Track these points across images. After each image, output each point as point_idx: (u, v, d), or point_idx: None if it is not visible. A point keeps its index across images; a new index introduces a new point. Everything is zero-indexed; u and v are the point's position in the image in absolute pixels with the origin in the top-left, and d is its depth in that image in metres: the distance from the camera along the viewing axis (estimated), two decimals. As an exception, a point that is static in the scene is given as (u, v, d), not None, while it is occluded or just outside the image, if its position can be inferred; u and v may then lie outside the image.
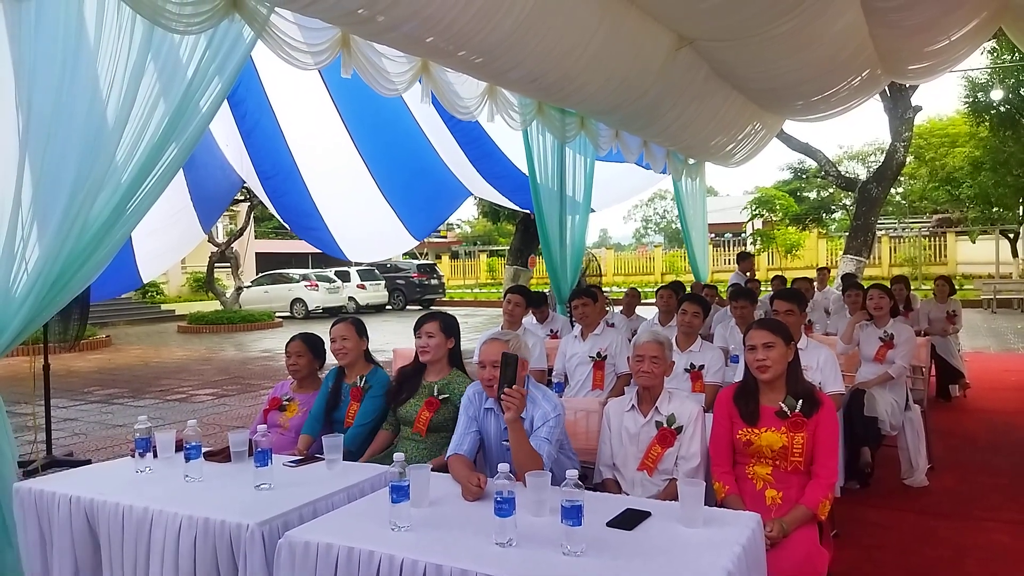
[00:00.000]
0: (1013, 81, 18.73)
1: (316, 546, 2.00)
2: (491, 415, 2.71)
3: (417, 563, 1.87)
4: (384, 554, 1.92)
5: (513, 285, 5.76)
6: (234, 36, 3.39)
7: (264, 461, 2.50)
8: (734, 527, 2.05)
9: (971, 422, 6.30)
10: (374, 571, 1.91)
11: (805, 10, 5.55)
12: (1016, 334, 13.04)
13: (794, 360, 2.66)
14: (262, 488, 2.48)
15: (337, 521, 2.19)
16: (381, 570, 1.90)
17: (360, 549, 1.95)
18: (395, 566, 1.89)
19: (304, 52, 3.97)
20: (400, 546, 1.95)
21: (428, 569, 1.86)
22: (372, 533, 2.03)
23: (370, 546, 1.95)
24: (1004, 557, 3.52)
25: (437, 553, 1.90)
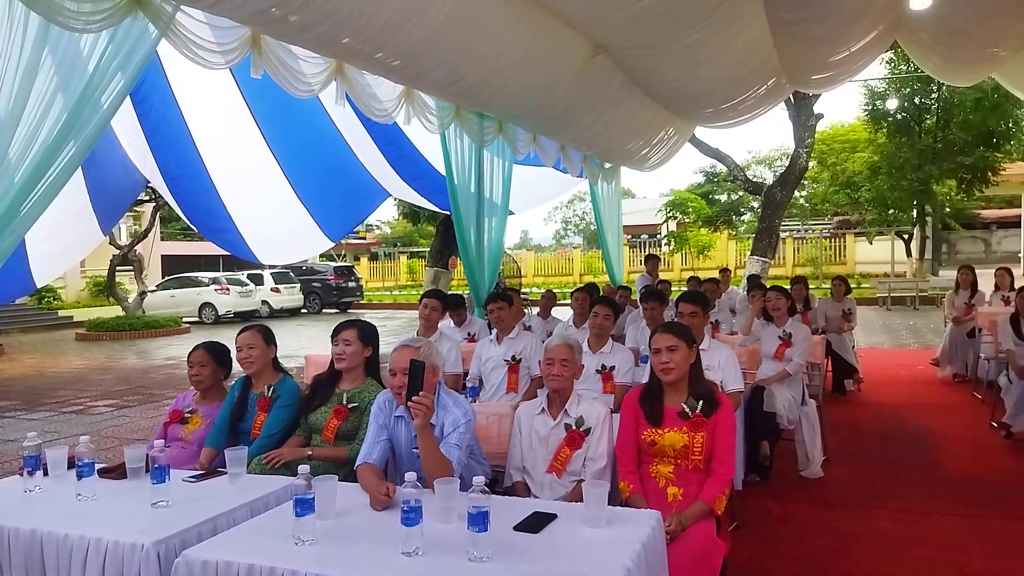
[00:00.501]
0: (908, 90, 20.00)
1: (215, 564, 1.95)
2: (401, 423, 2.71)
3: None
4: (286, 570, 1.89)
5: (429, 289, 5.75)
6: (137, 33, 3.26)
7: (161, 477, 2.41)
8: (635, 525, 2.12)
9: (864, 415, 6.68)
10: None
11: (714, 21, 5.77)
12: (908, 330, 13.90)
13: (696, 362, 2.77)
14: (159, 506, 2.39)
15: (238, 537, 2.14)
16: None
17: (261, 566, 1.91)
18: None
19: (211, 51, 3.84)
20: (303, 561, 1.93)
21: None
22: (274, 548, 2.00)
23: (272, 562, 1.92)
24: (889, 544, 3.76)
25: (341, 566, 1.89)
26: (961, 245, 37.75)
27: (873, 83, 20.86)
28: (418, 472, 2.41)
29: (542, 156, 8.12)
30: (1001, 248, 36.55)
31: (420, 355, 2.63)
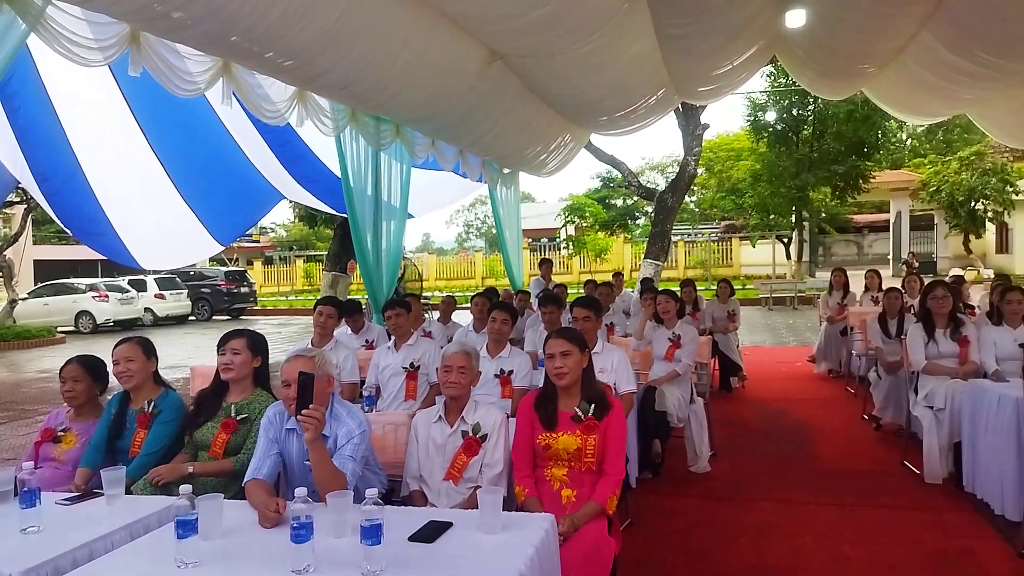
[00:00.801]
0: (786, 102, 21.27)
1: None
2: (293, 435, 2.64)
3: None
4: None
5: (323, 296, 5.61)
6: (3, 27, 3.04)
7: (31, 501, 2.25)
8: (529, 529, 2.16)
9: (748, 411, 7.05)
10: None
11: (604, 34, 5.94)
12: (788, 328, 14.76)
13: (588, 367, 2.85)
14: (29, 531, 2.23)
15: (116, 562, 2.02)
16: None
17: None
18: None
19: (86, 48, 3.62)
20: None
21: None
22: (155, 573, 1.91)
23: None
24: (770, 534, 3.99)
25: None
26: (836, 248, 40.46)
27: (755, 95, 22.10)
28: (311, 486, 2.37)
29: (440, 160, 8.10)
30: (872, 250, 39.45)
31: (313, 365, 2.58)
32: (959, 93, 7.53)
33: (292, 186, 9.91)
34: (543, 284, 9.54)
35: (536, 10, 4.99)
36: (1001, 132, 8.98)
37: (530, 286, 9.70)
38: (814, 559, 3.65)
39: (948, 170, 25.41)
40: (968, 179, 24.63)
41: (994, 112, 8.34)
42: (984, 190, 24.72)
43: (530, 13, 5.02)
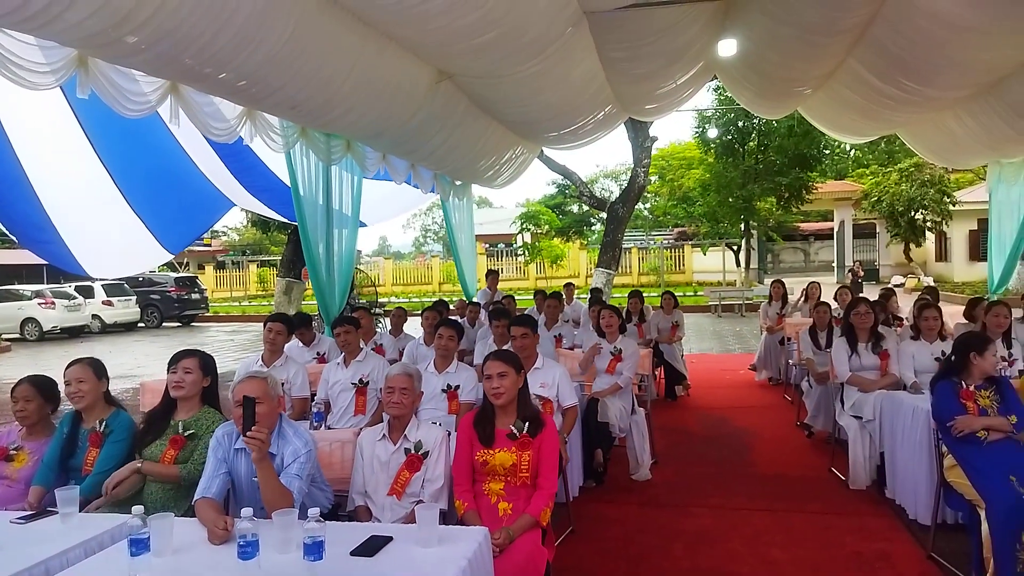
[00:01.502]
0: (732, 115, 21.88)
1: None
2: (241, 454, 2.75)
3: (156, 615, 1.90)
4: (120, 610, 1.92)
5: (273, 313, 5.65)
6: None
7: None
8: (464, 542, 2.31)
9: (691, 418, 7.32)
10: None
11: (548, 56, 6.15)
12: (735, 336, 15.20)
13: (524, 386, 3.02)
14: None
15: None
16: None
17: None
18: (132, 621, 1.90)
19: (34, 72, 3.67)
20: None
21: (168, 620, 1.89)
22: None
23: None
24: (704, 539, 4.21)
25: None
26: (784, 255, 41.56)
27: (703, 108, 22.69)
28: (260, 504, 2.49)
29: (392, 174, 8.20)
30: (819, 258, 40.62)
31: (266, 387, 2.71)
32: (886, 115, 7.96)
33: (243, 195, 9.89)
34: (489, 295, 9.70)
35: (482, 35, 5.16)
36: (928, 152, 9.48)
37: (477, 297, 9.84)
38: (744, 563, 3.88)
39: (889, 181, 26.36)
40: (908, 190, 25.59)
41: (921, 133, 8.80)
42: (923, 201, 25.69)
43: (476, 38, 5.18)
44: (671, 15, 6.38)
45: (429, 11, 4.54)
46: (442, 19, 4.74)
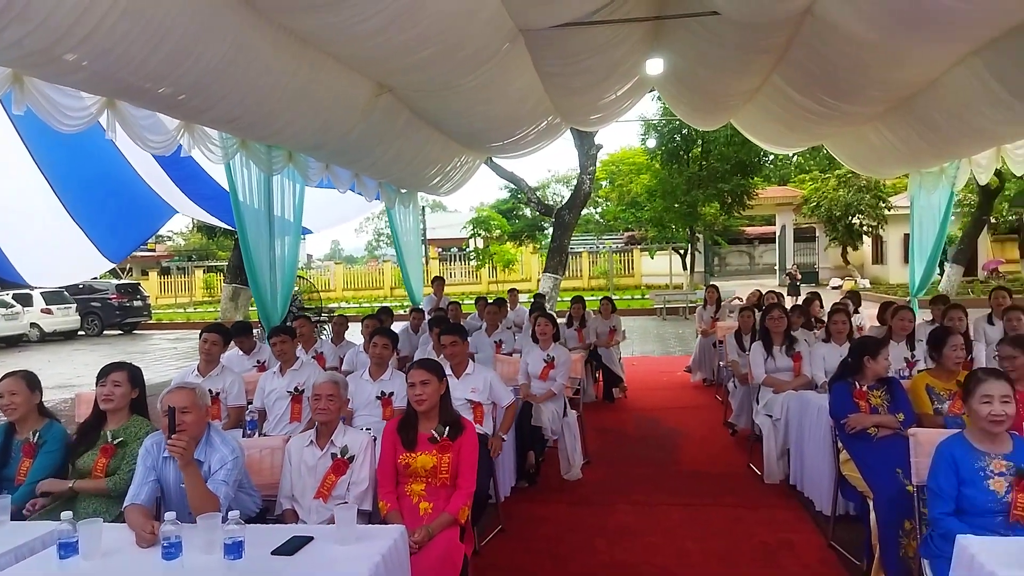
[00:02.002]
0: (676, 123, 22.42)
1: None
2: (170, 462, 2.87)
3: (83, 614, 2.03)
4: (48, 610, 2.04)
5: (210, 323, 5.69)
6: None
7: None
8: (380, 540, 2.49)
9: (626, 419, 7.60)
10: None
11: (486, 71, 6.35)
12: (676, 338, 15.62)
13: (445, 393, 3.21)
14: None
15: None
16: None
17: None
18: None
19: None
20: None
21: (94, 617, 2.03)
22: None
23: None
24: (625, 534, 4.45)
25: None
26: (730, 259, 42.63)
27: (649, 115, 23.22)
28: (188, 508, 2.63)
29: (335, 182, 8.27)
30: (763, 261, 41.79)
31: (194, 396, 2.85)
32: (810, 128, 8.38)
33: (186, 203, 9.85)
34: (435, 301, 9.85)
35: (418, 52, 5.33)
36: (852, 162, 9.98)
37: (423, 303, 9.98)
38: (659, 555, 4.13)
39: (827, 187, 27.34)
40: (845, 195, 26.59)
41: (844, 145, 9.28)
42: (859, 206, 26.73)
43: (413, 55, 5.36)
44: (604, 33, 6.64)
45: (365, 30, 4.69)
46: (378, 37, 4.90)
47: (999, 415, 2.69)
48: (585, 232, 38.92)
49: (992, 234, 28.07)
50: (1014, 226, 26.32)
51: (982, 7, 4.46)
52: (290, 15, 4.55)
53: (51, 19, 3.33)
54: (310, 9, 4.43)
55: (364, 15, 4.50)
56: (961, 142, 7.15)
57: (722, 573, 3.89)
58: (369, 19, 4.56)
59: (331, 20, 4.57)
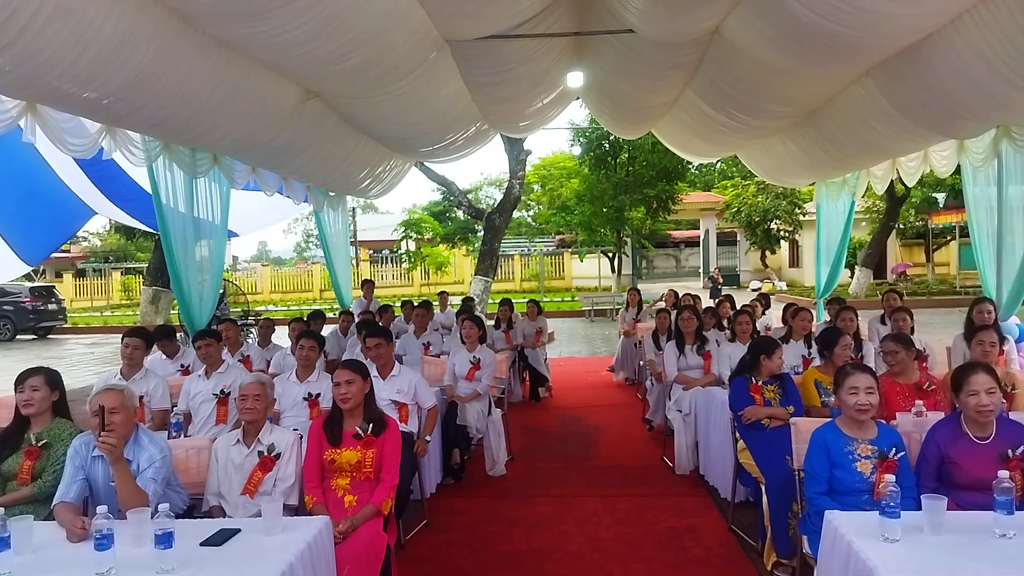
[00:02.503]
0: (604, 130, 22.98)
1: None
2: (99, 461, 2.96)
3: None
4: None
5: (131, 327, 5.64)
6: None
7: None
8: (305, 530, 2.64)
9: (549, 418, 7.88)
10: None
11: (414, 79, 6.51)
12: (603, 339, 16.06)
13: (369, 392, 3.38)
14: None
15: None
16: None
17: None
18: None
19: None
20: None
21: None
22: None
23: (-36, 598, 2.14)
24: (542, 523, 4.70)
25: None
26: (657, 262, 43.83)
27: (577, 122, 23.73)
28: (116, 506, 2.72)
29: (262, 186, 8.25)
30: (688, 264, 43.12)
31: (122, 398, 2.94)
32: (723, 140, 8.87)
33: (106, 204, 9.66)
34: (364, 304, 9.93)
35: (344, 61, 5.46)
36: (762, 171, 10.56)
37: (352, 306, 10.04)
38: (572, 541, 4.39)
39: (747, 193, 28.45)
40: (763, 201, 27.74)
41: (755, 155, 9.82)
42: (777, 211, 27.93)
43: (338, 64, 5.48)
44: (527, 45, 6.91)
45: (289, 41, 4.80)
46: (303, 47, 5.01)
47: (864, 404, 3.05)
48: (517, 235, 39.32)
49: (900, 239, 29.79)
50: (921, 231, 27.97)
51: (869, 35, 4.89)
52: (215, 24, 4.61)
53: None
54: (234, 20, 4.51)
55: (289, 26, 4.62)
56: (858, 155, 7.71)
57: (629, 556, 4.17)
58: (294, 30, 4.67)
59: (255, 31, 4.66)
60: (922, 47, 4.98)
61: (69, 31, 3.80)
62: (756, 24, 5.38)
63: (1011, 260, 6.18)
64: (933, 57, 4.98)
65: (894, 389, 4.07)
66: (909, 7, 4.42)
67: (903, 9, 4.39)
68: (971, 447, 2.94)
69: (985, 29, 4.40)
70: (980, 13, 4.37)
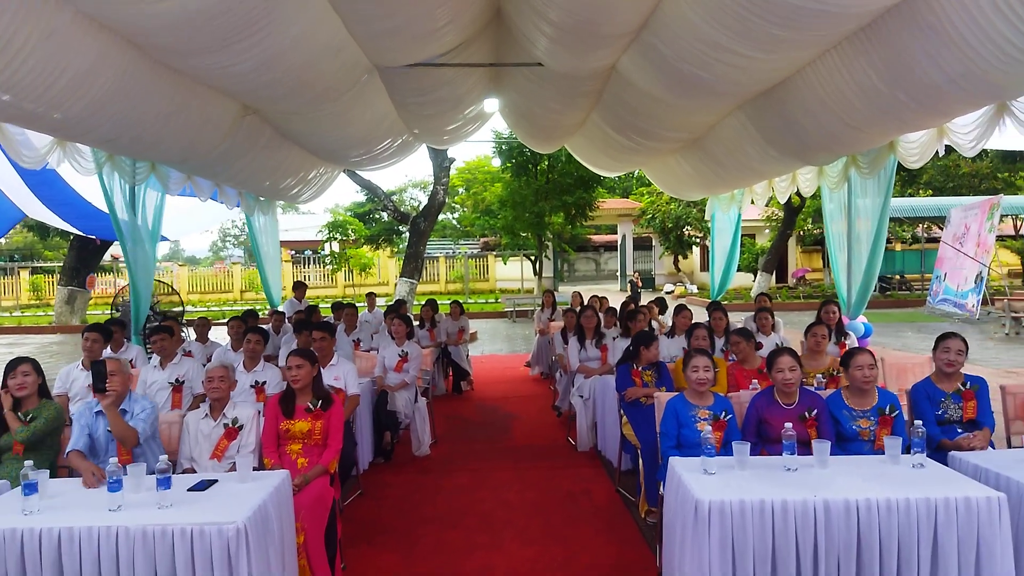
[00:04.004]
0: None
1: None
2: (100, 417, 3.72)
3: (52, 529, 2.78)
4: (25, 528, 2.77)
5: (92, 324, 6.05)
6: None
7: None
8: (270, 479, 3.35)
9: (470, 408, 8.68)
10: (18, 543, 2.76)
11: (345, 100, 7.20)
12: (523, 338, 16.96)
13: (317, 375, 4.11)
14: None
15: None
16: (24, 539, 2.76)
17: (3, 530, 2.77)
18: (35, 535, 2.77)
19: None
20: (36, 522, 2.82)
21: (62, 532, 2.78)
22: (11, 519, 2.85)
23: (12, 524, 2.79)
24: (460, 491, 5.51)
25: (67, 521, 2.83)
26: (578, 265, 45.24)
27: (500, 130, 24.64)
28: (112, 454, 3.41)
29: (197, 191, 8.73)
30: (607, 267, 44.70)
31: (119, 364, 3.69)
32: (625, 157, 9.90)
33: (38, 207, 9.90)
34: (296, 305, 10.47)
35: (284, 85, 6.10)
36: (663, 185, 11.69)
37: (284, 306, 10.56)
38: (486, 504, 5.21)
39: (661, 200, 30.00)
40: (675, 209, 29.34)
41: (656, 171, 10.93)
42: (688, 219, 29.60)
43: (277, 88, 6.12)
44: (449, 71, 7.69)
45: (237, 70, 5.44)
46: (249, 76, 5.65)
47: (702, 379, 3.99)
48: (442, 237, 39.94)
49: (800, 246, 32.01)
50: (819, 239, 30.16)
51: (729, 81, 5.90)
52: (171, 57, 5.20)
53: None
54: (190, 54, 5.11)
55: (237, 60, 5.25)
56: (738, 175, 8.85)
57: (532, 513, 5.03)
58: (242, 63, 5.31)
59: (206, 62, 5.27)
60: (778, 90, 6.02)
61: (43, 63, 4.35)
62: (642, 64, 6.33)
63: (858, 267, 7.37)
64: (787, 99, 6.03)
65: (741, 373, 5.08)
66: (760, 61, 5.43)
67: (753, 64, 5.37)
68: (780, 411, 3.91)
69: (824, 79, 5.42)
70: (818, 68, 5.40)
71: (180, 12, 4.29)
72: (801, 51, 5.08)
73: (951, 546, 2.97)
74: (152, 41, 4.84)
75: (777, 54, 5.09)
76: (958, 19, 3.92)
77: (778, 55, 5.12)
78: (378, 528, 4.81)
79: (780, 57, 5.22)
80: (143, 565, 2.80)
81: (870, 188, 6.98)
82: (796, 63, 5.45)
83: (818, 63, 5.36)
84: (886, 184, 6.70)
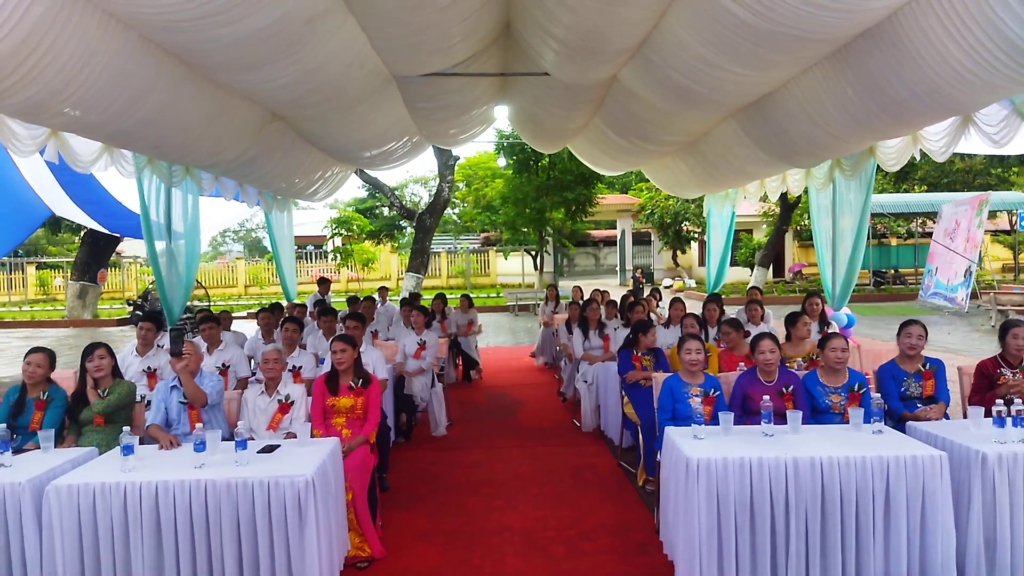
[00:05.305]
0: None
1: (78, 488, 3.32)
2: (174, 391, 4.36)
3: (150, 483, 3.36)
4: (128, 483, 3.35)
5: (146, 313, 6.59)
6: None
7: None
8: (324, 444, 3.93)
9: (480, 395, 9.27)
10: (121, 495, 3.34)
11: (364, 106, 7.75)
12: (526, 331, 17.54)
13: (358, 358, 4.68)
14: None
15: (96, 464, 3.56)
16: (127, 492, 3.33)
17: (108, 483, 3.35)
18: (136, 488, 3.35)
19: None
20: (135, 477, 3.40)
21: (158, 485, 3.36)
22: (113, 475, 3.43)
23: (115, 479, 3.37)
24: (476, 465, 6.09)
25: (160, 475, 3.41)
26: (578, 260, 45.81)
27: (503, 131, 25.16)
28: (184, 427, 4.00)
29: (223, 191, 9.28)
30: (607, 262, 45.24)
31: (193, 346, 4.34)
32: (625, 158, 10.46)
33: (68, 205, 10.42)
34: (320, 297, 11.05)
35: (315, 96, 6.67)
36: (662, 184, 12.25)
37: (308, 300, 11.13)
38: (500, 475, 5.80)
39: (659, 196, 30.55)
40: (674, 205, 29.90)
41: (654, 170, 11.49)
42: (686, 214, 30.15)
43: (310, 98, 6.69)
44: (461, 80, 8.24)
45: (275, 85, 6.00)
46: (285, 89, 6.21)
47: (694, 360, 4.57)
48: (444, 232, 40.48)
49: (797, 240, 32.58)
50: (813, 233, 30.71)
51: (726, 91, 6.45)
52: (218, 72, 5.75)
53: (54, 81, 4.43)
54: (235, 71, 5.67)
55: (277, 76, 5.82)
56: (731, 176, 9.40)
57: (543, 481, 5.61)
58: (280, 78, 5.88)
59: (250, 78, 5.84)
60: (766, 101, 6.58)
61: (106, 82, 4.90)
62: (642, 76, 6.88)
63: (841, 261, 7.94)
64: (775, 109, 6.59)
65: (731, 358, 5.66)
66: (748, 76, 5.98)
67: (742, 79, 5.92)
68: (761, 387, 4.48)
69: (807, 93, 5.97)
70: (801, 83, 5.95)
71: (234, 36, 4.85)
72: (784, 69, 5.64)
73: (901, 497, 3.55)
74: (204, 61, 5.40)
75: (763, 71, 5.65)
76: (919, 43, 4.47)
77: (764, 72, 5.68)
78: (405, 496, 5.39)
79: (765, 74, 5.78)
80: (228, 513, 3.38)
81: (853, 188, 7.56)
82: (781, 79, 6.00)
83: (801, 79, 5.90)
84: (867, 184, 7.27)
